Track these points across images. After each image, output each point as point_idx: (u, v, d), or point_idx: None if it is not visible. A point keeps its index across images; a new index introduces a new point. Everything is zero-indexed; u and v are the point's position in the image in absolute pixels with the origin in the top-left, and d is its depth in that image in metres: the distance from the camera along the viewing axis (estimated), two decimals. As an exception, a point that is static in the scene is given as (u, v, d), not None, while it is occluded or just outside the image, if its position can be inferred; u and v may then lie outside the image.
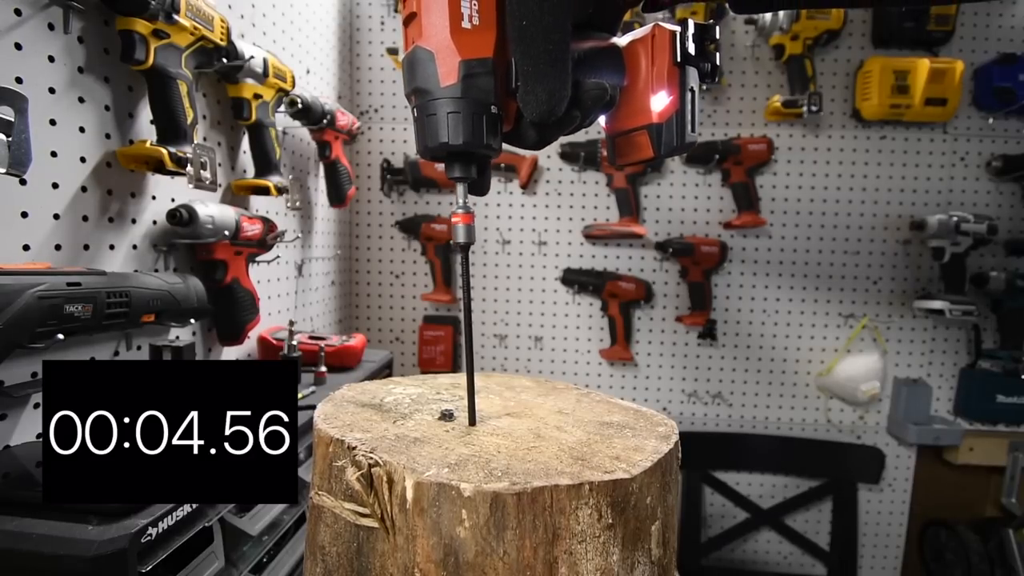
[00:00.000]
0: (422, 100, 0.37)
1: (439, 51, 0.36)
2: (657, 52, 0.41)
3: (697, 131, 0.43)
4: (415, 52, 0.37)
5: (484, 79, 0.36)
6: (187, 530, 0.55)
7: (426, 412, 0.46)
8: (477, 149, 0.38)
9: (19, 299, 0.53)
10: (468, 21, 0.36)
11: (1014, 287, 1.63)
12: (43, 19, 0.65)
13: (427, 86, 0.36)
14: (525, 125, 0.39)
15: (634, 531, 0.36)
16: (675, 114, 0.41)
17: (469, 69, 0.36)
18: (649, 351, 1.81)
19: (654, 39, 0.41)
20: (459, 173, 0.40)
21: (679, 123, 0.41)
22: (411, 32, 0.37)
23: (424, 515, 0.34)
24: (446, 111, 0.36)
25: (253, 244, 0.99)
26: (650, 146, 0.42)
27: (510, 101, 0.38)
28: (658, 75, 0.41)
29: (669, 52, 0.40)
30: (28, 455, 0.59)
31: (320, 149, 1.36)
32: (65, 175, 0.69)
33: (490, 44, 0.36)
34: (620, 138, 0.45)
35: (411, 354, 1.85)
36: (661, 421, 0.46)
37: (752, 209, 1.71)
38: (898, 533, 1.82)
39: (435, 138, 0.37)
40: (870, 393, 1.69)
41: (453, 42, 0.35)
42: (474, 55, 0.36)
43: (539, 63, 0.35)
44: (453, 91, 0.36)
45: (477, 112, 0.37)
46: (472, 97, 0.36)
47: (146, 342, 0.80)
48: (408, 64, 0.37)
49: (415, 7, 0.36)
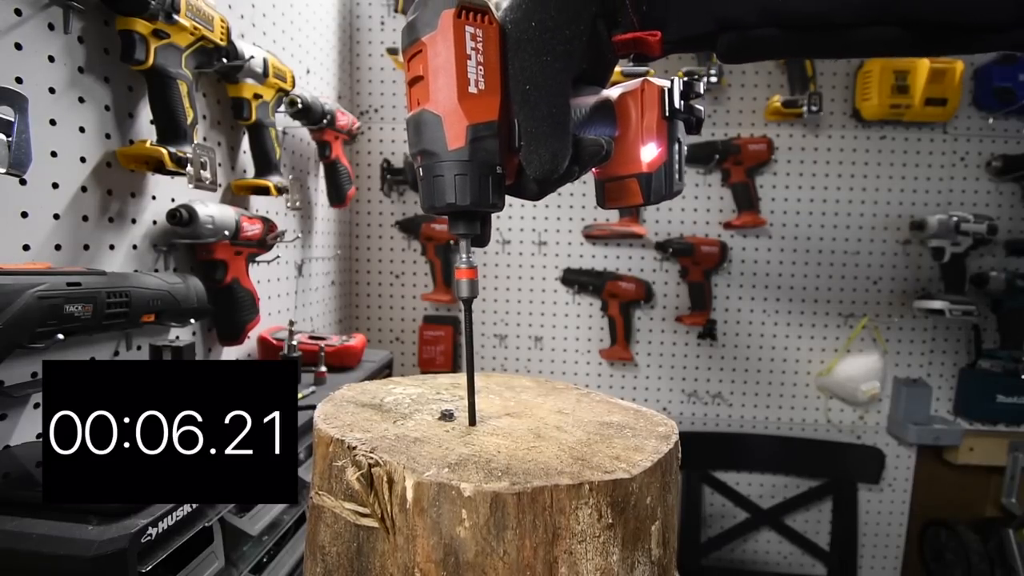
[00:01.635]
0: (429, 161, 0.38)
1: (447, 115, 0.36)
2: (646, 106, 0.43)
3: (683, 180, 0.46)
4: (422, 115, 0.37)
5: (490, 142, 0.37)
6: (187, 530, 0.55)
7: (426, 412, 0.46)
8: (483, 208, 0.39)
9: (19, 299, 0.53)
10: (475, 86, 0.36)
11: (1014, 287, 1.63)
12: (43, 19, 0.65)
13: (434, 149, 0.37)
14: (527, 179, 0.40)
15: (634, 531, 0.36)
16: (663, 165, 0.44)
17: (476, 133, 0.37)
18: (649, 351, 1.81)
19: (643, 93, 0.43)
20: (464, 230, 0.41)
21: (667, 173, 0.44)
22: (417, 93, 0.38)
23: (424, 515, 0.34)
24: (454, 173, 0.37)
25: (253, 244, 0.99)
26: (640, 194, 0.44)
27: (512, 157, 0.39)
28: (648, 128, 0.43)
29: (658, 107, 0.43)
30: (28, 455, 0.59)
31: (320, 149, 1.36)
32: (65, 175, 0.69)
33: (495, 108, 0.37)
34: (610, 183, 0.47)
35: (411, 354, 1.85)
36: (661, 421, 0.46)
37: (752, 209, 1.71)
38: (898, 533, 1.82)
39: (442, 199, 0.38)
40: (870, 393, 1.69)
41: (461, 107, 0.36)
42: (481, 119, 0.37)
43: (543, 125, 0.37)
44: (461, 154, 0.37)
45: (484, 174, 0.38)
46: (479, 160, 0.37)
47: (146, 342, 0.80)
48: (414, 125, 0.38)
49: (421, 71, 0.37)
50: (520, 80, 0.37)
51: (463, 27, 0.36)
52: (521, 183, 0.41)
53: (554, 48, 0.37)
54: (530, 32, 0.37)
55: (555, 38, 0.37)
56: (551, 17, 0.37)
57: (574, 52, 0.38)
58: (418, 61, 0.37)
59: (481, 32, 0.36)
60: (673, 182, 0.45)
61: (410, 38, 0.37)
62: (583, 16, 0.37)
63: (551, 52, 0.37)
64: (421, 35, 0.36)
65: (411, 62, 0.38)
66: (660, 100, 0.43)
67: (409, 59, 0.38)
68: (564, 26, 0.37)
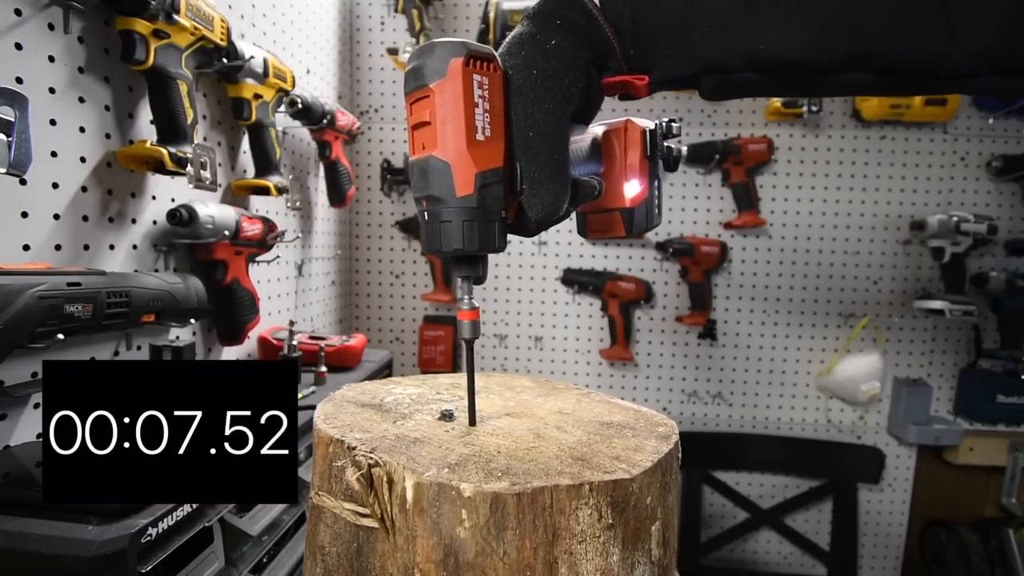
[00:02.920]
0: (435, 207, 0.38)
1: (455, 163, 0.37)
2: (630, 145, 0.46)
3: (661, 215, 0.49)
4: (429, 161, 0.37)
5: (496, 188, 0.38)
6: (187, 530, 0.55)
7: (426, 412, 0.46)
8: (488, 252, 0.40)
9: (19, 299, 0.53)
10: (482, 133, 0.37)
11: (1014, 287, 1.63)
12: (43, 19, 0.65)
13: (442, 195, 0.37)
14: (527, 219, 0.41)
15: (634, 531, 0.36)
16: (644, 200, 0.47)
17: (484, 180, 0.37)
18: (649, 351, 1.81)
19: (627, 132, 0.46)
20: (467, 272, 0.41)
21: (648, 208, 0.48)
22: (422, 138, 0.38)
23: (424, 515, 0.34)
24: (462, 220, 0.38)
25: (253, 244, 0.99)
26: (622, 227, 0.47)
27: (513, 199, 0.40)
28: (631, 166, 0.46)
29: (640, 146, 0.45)
30: (28, 455, 0.59)
31: (320, 149, 1.36)
32: (65, 175, 0.69)
33: (501, 154, 0.38)
34: (593, 215, 0.49)
35: (411, 354, 1.85)
36: (661, 421, 0.46)
37: (752, 209, 1.71)
38: (898, 533, 1.82)
39: (449, 244, 0.38)
40: (870, 393, 1.69)
41: (469, 154, 0.36)
42: (488, 166, 0.37)
43: (545, 170, 0.38)
44: (469, 201, 0.37)
45: (490, 220, 0.38)
46: (486, 206, 0.38)
47: (146, 342, 0.80)
48: (420, 171, 0.38)
49: (428, 117, 0.37)
50: (523, 127, 0.38)
51: (471, 75, 0.36)
52: (521, 222, 0.42)
53: (555, 96, 0.38)
54: (532, 80, 0.38)
55: (556, 86, 0.38)
56: (551, 66, 0.38)
57: (572, 99, 0.39)
58: (424, 106, 0.37)
59: (487, 80, 0.37)
60: (652, 216, 0.48)
61: (416, 83, 0.37)
62: (579, 64, 0.39)
63: (552, 100, 0.38)
64: (428, 82, 0.36)
65: (415, 106, 0.38)
66: (642, 140, 0.45)
67: (413, 103, 0.38)
68: (563, 74, 0.38)
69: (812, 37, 0.36)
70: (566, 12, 0.39)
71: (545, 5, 0.39)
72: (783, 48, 0.37)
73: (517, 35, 0.39)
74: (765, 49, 0.37)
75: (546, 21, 0.39)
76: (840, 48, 0.36)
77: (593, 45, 0.39)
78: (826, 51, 0.36)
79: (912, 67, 0.36)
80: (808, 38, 0.36)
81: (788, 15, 0.36)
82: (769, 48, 0.37)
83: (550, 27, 0.39)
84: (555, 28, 0.38)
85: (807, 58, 0.37)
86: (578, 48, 0.39)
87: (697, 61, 0.39)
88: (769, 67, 0.38)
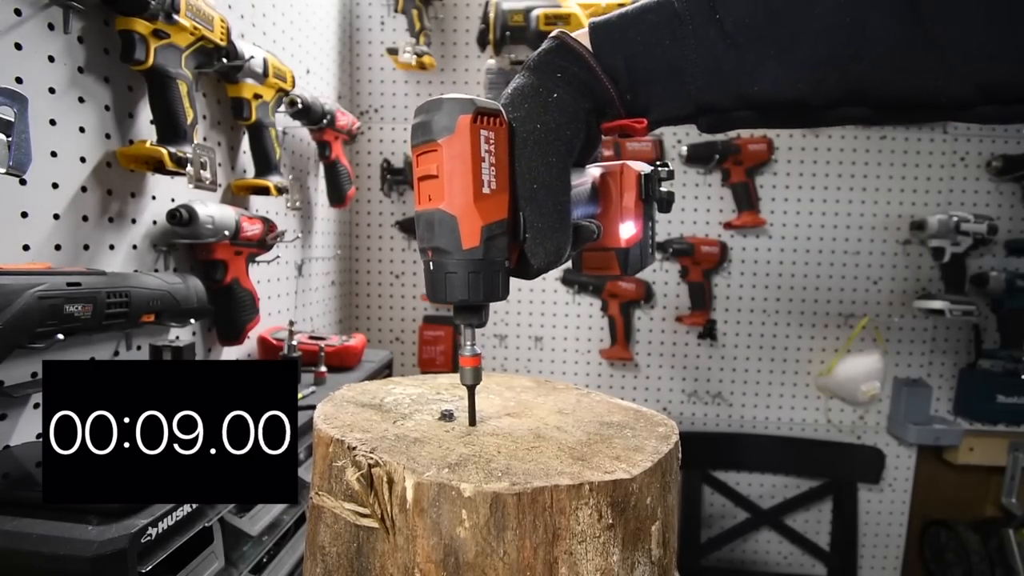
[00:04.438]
0: (441, 259, 0.38)
1: (462, 216, 0.37)
2: (625, 188, 0.47)
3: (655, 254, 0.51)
4: (436, 214, 0.37)
5: (501, 239, 0.38)
6: (187, 530, 0.55)
7: (426, 412, 0.46)
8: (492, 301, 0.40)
9: (19, 299, 0.53)
10: (488, 186, 0.37)
11: (1014, 287, 1.63)
12: (43, 19, 0.65)
13: (448, 247, 0.38)
14: (528, 264, 0.42)
15: (634, 531, 0.36)
16: (639, 242, 0.48)
17: (490, 232, 0.38)
18: (649, 351, 1.81)
19: (623, 175, 0.47)
20: (469, 320, 0.41)
21: (643, 248, 0.49)
22: (428, 190, 0.38)
23: (424, 515, 0.34)
24: (467, 271, 0.38)
25: (253, 244, 0.99)
26: (617, 266, 0.49)
27: (515, 246, 0.41)
28: (626, 208, 0.47)
29: (636, 190, 0.47)
30: (28, 455, 0.59)
31: (320, 149, 1.36)
32: (65, 175, 0.69)
33: (505, 206, 0.38)
34: (588, 253, 0.50)
35: (411, 354, 1.85)
36: (661, 421, 0.46)
37: (752, 209, 1.71)
38: (898, 533, 1.82)
39: (454, 295, 0.38)
40: (870, 393, 1.69)
41: (476, 208, 0.37)
42: (493, 218, 0.38)
43: (548, 220, 0.39)
44: (475, 253, 0.38)
45: (495, 270, 0.39)
46: (491, 258, 0.38)
47: (146, 342, 0.80)
48: (427, 223, 0.38)
49: (435, 171, 0.37)
50: (527, 179, 0.39)
51: (479, 131, 0.36)
52: (523, 268, 0.43)
53: (558, 149, 0.39)
54: (536, 134, 0.39)
55: (559, 139, 0.39)
56: (554, 119, 0.39)
57: (573, 150, 0.40)
58: (431, 160, 0.37)
59: (493, 135, 0.37)
60: (647, 256, 0.50)
61: (424, 137, 0.37)
62: (580, 116, 0.40)
63: (556, 153, 0.39)
64: (437, 137, 0.36)
65: (422, 158, 0.38)
66: (638, 183, 0.47)
67: (419, 155, 0.38)
68: (565, 127, 0.39)
69: (804, 79, 0.36)
70: (565, 64, 0.39)
71: (544, 57, 0.40)
72: (776, 89, 0.37)
73: (519, 87, 0.40)
74: (759, 90, 0.37)
75: (546, 73, 0.39)
76: (834, 87, 0.36)
77: (593, 95, 0.40)
78: (820, 91, 0.37)
79: (908, 101, 0.36)
80: (800, 79, 0.36)
81: (780, 56, 0.36)
82: (763, 89, 0.37)
83: (551, 79, 0.39)
84: (556, 80, 0.39)
85: (801, 97, 0.37)
86: (579, 100, 0.39)
87: (692, 102, 0.40)
88: (763, 106, 0.39)
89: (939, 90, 0.35)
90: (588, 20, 0.42)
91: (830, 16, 0.35)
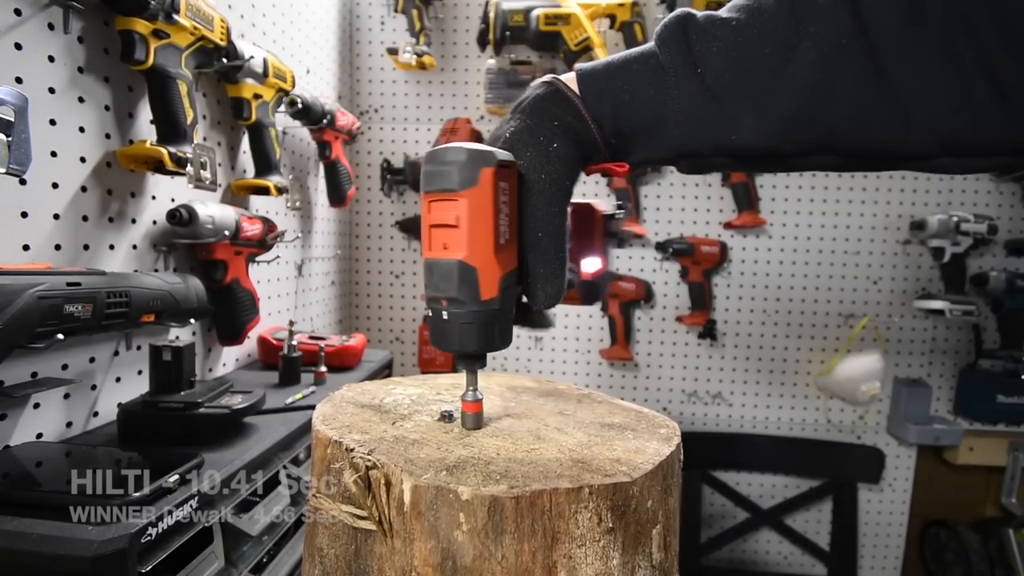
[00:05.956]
0: (457, 308, 0.38)
1: (483, 268, 0.37)
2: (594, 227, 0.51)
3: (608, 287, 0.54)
4: (456, 266, 0.37)
5: (513, 288, 0.39)
6: (187, 530, 0.55)
7: (426, 413, 0.46)
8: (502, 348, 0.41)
9: (19, 299, 0.53)
10: (503, 237, 0.38)
11: (1014, 287, 1.63)
12: (43, 19, 0.65)
13: (466, 298, 0.38)
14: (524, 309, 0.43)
15: (635, 535, 0.36)
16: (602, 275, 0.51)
17: (506, 283, 0.38)
18: (649, 351, 1.81)
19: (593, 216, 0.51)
20: (475, 366, 0.41)
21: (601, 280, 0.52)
22: (444, 238, 0.38)
23: (422, 518, 0.34)
24: (484, 322, 0.38)
25: (253, 244, 0.99)
26: (579, 298, 0.52)
27: None
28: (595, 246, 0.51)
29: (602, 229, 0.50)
30: (28, 455, 0.59)
31: (320, 149, 1.36)
32: (65, 175, 0.69)
33: (515, 255, 0.40)
34: None
35: (411, 354, 1.84)
36: (663, 423, 0.45)
37: (752, 209, 1.71)
38: (898, 533, 1.82)
39: (468, 346, 0.39)
40: (870, 393, 1.69)
41: (495, 259, 0.37)
42: (509, 268, 0.39)
43: (551, 267, 0.41)
44: (492, 304, 0.38)
45: (508, 319, 0.40)
46: (506, 308, 0.39)
47: (146, 342, 0.80)
48: (443, 273, 0.38)
49: (454, 221, 0.37)
50: (533, 228, 0.40)
51: (498, 183, 0.37)
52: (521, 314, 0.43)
53: (560, 200, 0.41)
54: (541, 184, 0.40)
55: (560, 189, 0.41)
56: (556, 170, 0.40)
57: (570, 198, 0.42)
58: (448, 208, 0.37)
59: (508, 185, 0.38)
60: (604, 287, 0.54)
61: (441, 186, 0.37)
62: (577, 167, 0.42)
63: (558, 203, 0.41)
64: (457, 187, 0.36)
65: (436, 205, 0.38)
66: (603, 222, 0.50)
67: (433, 202, 0.38)
68: (565, 178, 0.41)
69: (778, 131, 0.38)
70: (560, 113, 0.41)
71: (539, 103, 0.41)
72: (751, 138, 0.39)
73: (518, 131, 0.40)
74: (736, 140, 0.39)
75: (543, 120, 0.41)
76: (805, 139, 0.39)
77: (583, 145, 0.42)
78: (791, 141, 0.39)
79: (875, 152, 0.39)
80: (774, 132, 0.38)
81: (756, 110, 0.38)
82: (740, 139, 0.39)
83: (548, 127, 0.40)
84: (554, 129, 0.40)
85: (774, 147, 0.39)
86: (573, 150, 0.41)
87: (673, 149, 0.42)
88: (739, 154, 0.41)
89: (904, 143, 0.37)
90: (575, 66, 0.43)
91: (800, 74, 0.36)
